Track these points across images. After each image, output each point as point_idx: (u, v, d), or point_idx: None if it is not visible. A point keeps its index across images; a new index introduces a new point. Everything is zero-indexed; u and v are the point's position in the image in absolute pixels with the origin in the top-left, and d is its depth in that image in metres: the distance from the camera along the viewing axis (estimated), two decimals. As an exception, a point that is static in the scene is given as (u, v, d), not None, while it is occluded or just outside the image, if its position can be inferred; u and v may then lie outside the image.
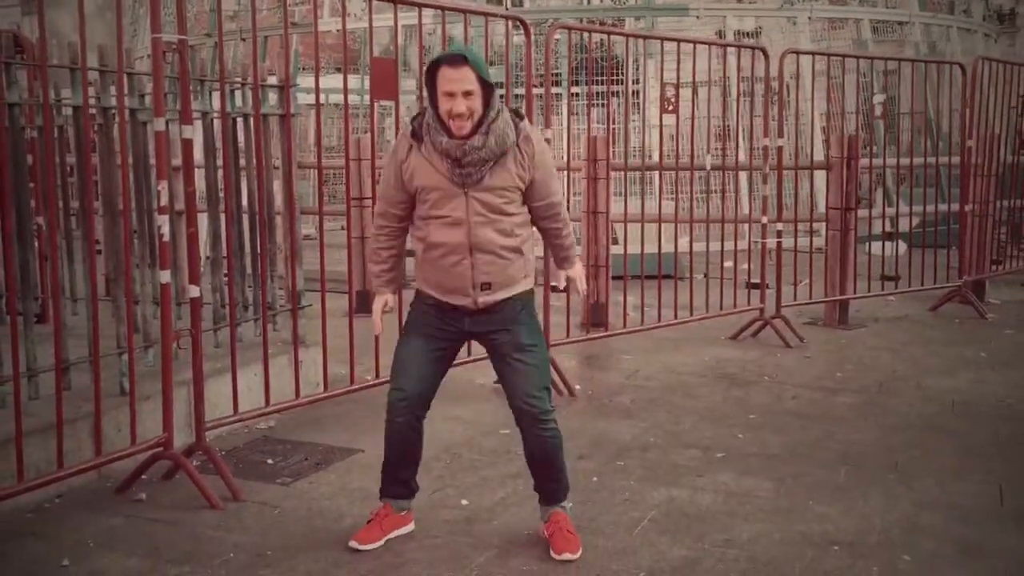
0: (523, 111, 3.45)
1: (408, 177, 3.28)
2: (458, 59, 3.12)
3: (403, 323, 3.55)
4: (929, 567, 3.25)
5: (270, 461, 4.33)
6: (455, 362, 3.57)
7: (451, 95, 3.12)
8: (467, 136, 3.15)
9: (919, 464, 4.29)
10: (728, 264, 7.57)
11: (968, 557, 3.33)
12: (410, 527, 3.51)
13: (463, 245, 3.23)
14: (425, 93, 3.27)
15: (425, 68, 3.25)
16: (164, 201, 3.85)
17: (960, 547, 3.41)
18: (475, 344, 5.04)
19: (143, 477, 3.96)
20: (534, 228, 3.45)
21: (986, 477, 4.12)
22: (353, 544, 3.37)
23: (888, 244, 8.89)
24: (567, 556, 3.29)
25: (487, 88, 3.15)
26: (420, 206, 3.31)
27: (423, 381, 3.36)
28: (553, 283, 3.81)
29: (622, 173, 8.38)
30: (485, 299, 3.29)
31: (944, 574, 3.21)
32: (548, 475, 3.43)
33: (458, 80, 3.10)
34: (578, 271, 3.60)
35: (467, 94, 3.11)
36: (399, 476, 3.47)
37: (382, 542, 3.40)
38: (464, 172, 3.19)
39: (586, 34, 7.40)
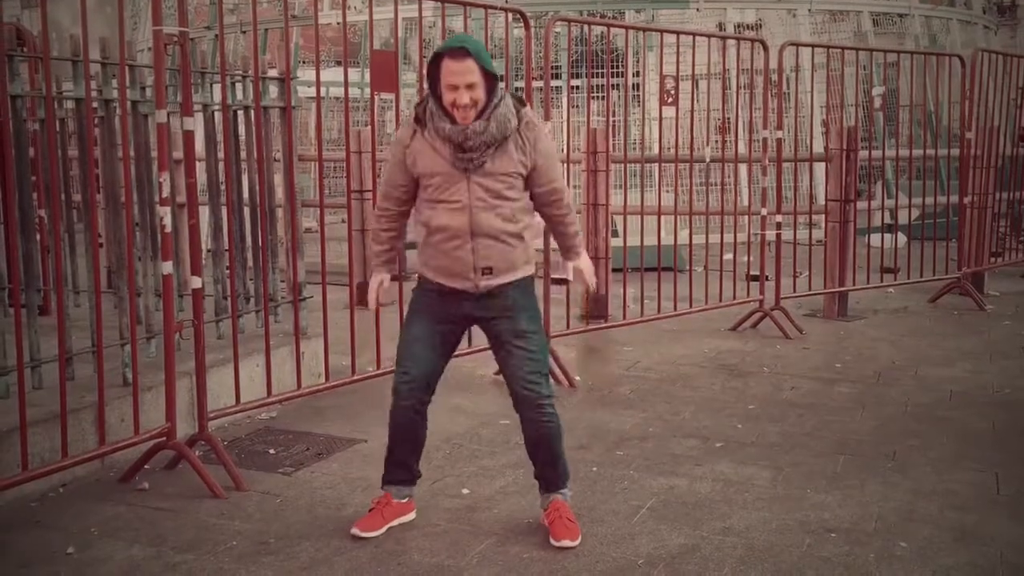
0: (524, 97, 3.46)
1: (411, 162, 3.32)
2: (460, 51, 3.15)
3: (405, 311, 3.58)
4: (925, 553, 3.28)
5: (272, 451, 4.36)
6: (456, 353, 3.60)
7: (454, 87, 3.15)
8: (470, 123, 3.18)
9: (916, 453, 4.32)
10: (728, 256, 7.59)
11: (964, 544, 3.36)
12: (411, 515, 3.54)
13: (465, 230, 3.26)
14: (427, 84, 3.30)
15: (428, 60, 3.28)
16: (166, 193, 3.87)
17: (956, 534, 3.44)
18: (476, 335, 5.07)
19: (146, 467, 3.99)
20: (536, 216, 3.48)
21: (982, 465, 4.15)
22: (355, 531, 3.40)
23: (888, 236, 8.91)
24: (566, 543, 3.32)
25: (489, 77, 3.18)
26: (423, 191, 3.35)
27: (427, 364, 3.39)
28: (562, 275, 3.81)
29: (622, 165, 8.40)
30: (486, 283, 3.32)
31: (940, 560, 3.24)
32: (547, 461, 3.46)
33: (461, 72, 3.13)
34: (586, 263, 3.60)
35: (470, 86, 3.14)
36: (403, 461, 3.50)
37: (384, 530, 3.43)
38: (466, 157, 3.22)
39: (586, 27, 7.40)
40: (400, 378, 3.41)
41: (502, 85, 3.30)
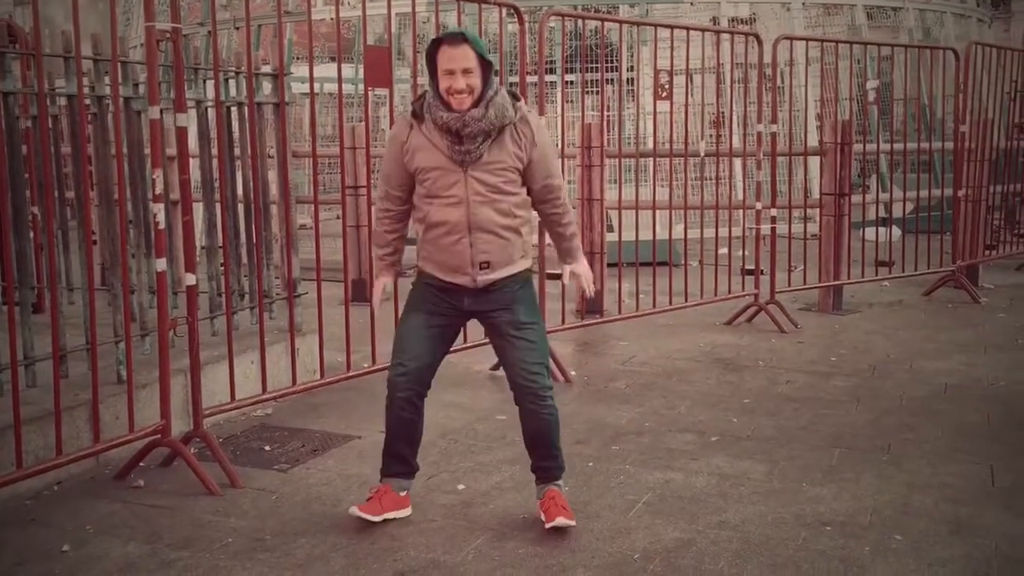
0: (519, 93, 3.48)
1: (408, 158, 3.33)
2: (458, 38, 3.22)
3: (403, 305, 3.58)
4: (920, 546, 3.29)
5: (267, 448, 4.35)
6: (453, 348, 3.60)
7: (451, 72, 3.19)
8: (467, 110, 3.20)
9: (911, 446, 4.33)
10: (723, 250, 7.59)
11: (959, 536, 3.37)
12: (407, 511, 3.54)
13: (462, 224, 3.27)
14: (421, 80, 3.32)
15: (426, 48, 3.31)
16: (159, 190, 3.86)
17: (951, 526, 3.45)
18: (472, 331, 5.06)
19: (141, 464, 3.98)
20: (534, 213, 3.49)
21: (977, 458, 4.16)
22: (354, 511, 3.41)
23: (882, 230, 8.92)
24: (561, 521, 3.33)
25: (485, 67, 3.22)
26: (419, 186, 3.36)
27: (423, 357, 3.40)
28: (558, 271, 3.81)
29: (616, 160, 8.41)
30: (484, 278, 3.33)
31: (935, 553, 3.24)
32: (546, 453, 3.47)
33: (458, 58, 3.18)
34: (583, 268, 3.59)
35: (466, 71, 3.19)
36: (400, 454, 3.50)
37: (381, 518, 3.44)
38: (463, 149, 3.23)
39: (580, 21, 7.39)
40: (396, 371, 3.41)
41: (497, 78, 3.32)
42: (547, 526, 3.36)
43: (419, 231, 3.41)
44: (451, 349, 3.59)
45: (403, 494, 3.53)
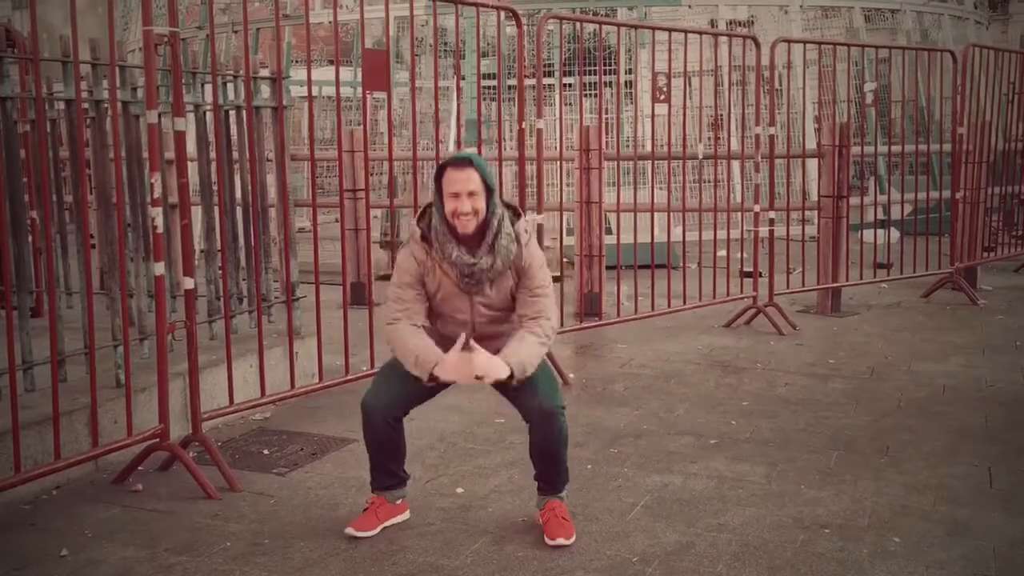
0: (519, 207, 3.52)
1: (428, 276, 3.42)
2: (463, 162, 3.32)
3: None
4: (919, 548, 3.29)
5: (266, 451, 4.35)
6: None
7: (456, 195, 3.29)
8: (471, 238, 3.31)
9: (909, 448, 4.33)
10: (721, 253, 7.60)
11: (957, 538, 3.37)
12: (405, 515, 3.54)
13: (467, 333, 3.33)
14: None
15: (434, 172, 3.42)
16: (157, 194, 3.86)
17: (949, 528, 3.45)
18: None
19: (140, 468, 3.98)
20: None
21: (975, 460, 4.16)
22: (350, 531, 3.40)
23: (880, 232, 8.92)
24: (561, 541, 3.33)
25: (488, 191, 3.32)
26: (430, 299, 3.48)
27: (401, 405, 3.44)
28: (557, 273, 3.84)
29: (615, 163, 8.41)
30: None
31: (934, 555, 3.24)
32: (552, 468, 3.47)
33: (463, 180, 3.28)
34: (493, 365, 3.21)
35: (471, 194, 3.28)
36: (387, 468, 3.51)
37: (378, 530, 3.43)
38: (471, 282, 3.37)
39: (578, 24, 7.40)
40: (372, 399, 3.41)
41: (500, 208, 3.38)
42: (548, 543, 3.34)
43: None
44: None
45: (399, 502, 3.53)
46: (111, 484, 3.93)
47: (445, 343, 3.34)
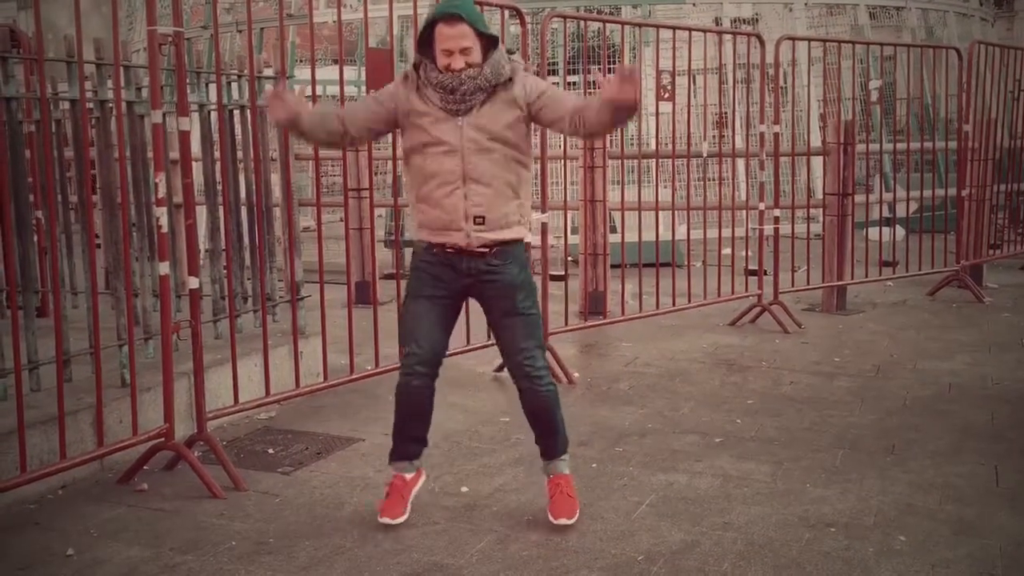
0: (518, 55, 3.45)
1: (393, 106, 3.30)
2: (454, 17, 3.15)
3: (403, 293, 3.58)
4: (924, 547, 3.28)
5: (271, 451, 4.35)
6: (455, 350, 3.60)
7: (449, 52, 3.16)
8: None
9: (915, 446, 4.32)
10: (726, 251, 7.59)
11: (963, 537, 3.36)
12: (423, 479, 3.59)
13: (457, 174, 3.22)
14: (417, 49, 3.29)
15: (420, 28, 3.26)
16: (162, 193, 3.86)
17: (955, 527, 3.44)
18: (474, 332, 5.06)
19: (145, 468, 3.99)
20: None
21: (981, 458, 4.15)
22: (384, 520, 3.42)
23: (886, 229, 8.90)
24: (563, 521, 3.38)
25: (484, 38, 3.18)
26: (413, 134, 3.30)
27: (433, 340, 3.40)
28: (560, 272, 3.81)
29: (619, 161, 8.40)
30: (478, 235, 3.27)
31: (939, 554, 3.24)
32: (548, 429, 3.49)
33: (455, 37, 3.14)
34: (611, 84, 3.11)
35: (464, 50, 3.15)
36: (413, 434, 3.51)
37: (408, 510, 3.47)
38: (456, 98, 3.19)
39: (582, 22, 7.40)
40: (410, 359, 3.41)
41: (500, 47, 3.26)
42: (552, 522, 3.39)
43: (412, 195, 3.35)
44: (455, 351, 3.59)
45: (413, 474, 3.55)
46: (116, 483, 3.93)
47: (430, 187, 3.24)
